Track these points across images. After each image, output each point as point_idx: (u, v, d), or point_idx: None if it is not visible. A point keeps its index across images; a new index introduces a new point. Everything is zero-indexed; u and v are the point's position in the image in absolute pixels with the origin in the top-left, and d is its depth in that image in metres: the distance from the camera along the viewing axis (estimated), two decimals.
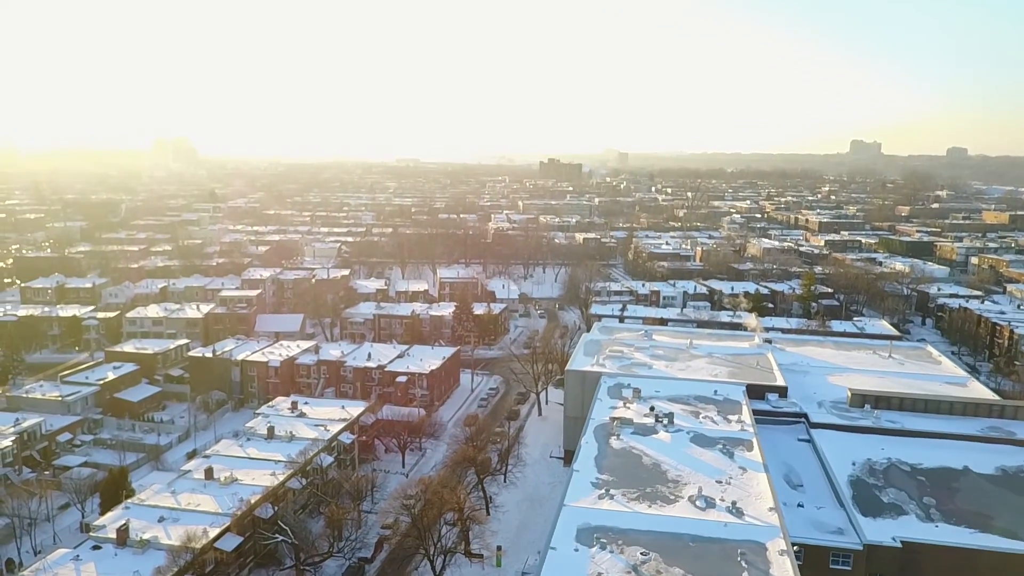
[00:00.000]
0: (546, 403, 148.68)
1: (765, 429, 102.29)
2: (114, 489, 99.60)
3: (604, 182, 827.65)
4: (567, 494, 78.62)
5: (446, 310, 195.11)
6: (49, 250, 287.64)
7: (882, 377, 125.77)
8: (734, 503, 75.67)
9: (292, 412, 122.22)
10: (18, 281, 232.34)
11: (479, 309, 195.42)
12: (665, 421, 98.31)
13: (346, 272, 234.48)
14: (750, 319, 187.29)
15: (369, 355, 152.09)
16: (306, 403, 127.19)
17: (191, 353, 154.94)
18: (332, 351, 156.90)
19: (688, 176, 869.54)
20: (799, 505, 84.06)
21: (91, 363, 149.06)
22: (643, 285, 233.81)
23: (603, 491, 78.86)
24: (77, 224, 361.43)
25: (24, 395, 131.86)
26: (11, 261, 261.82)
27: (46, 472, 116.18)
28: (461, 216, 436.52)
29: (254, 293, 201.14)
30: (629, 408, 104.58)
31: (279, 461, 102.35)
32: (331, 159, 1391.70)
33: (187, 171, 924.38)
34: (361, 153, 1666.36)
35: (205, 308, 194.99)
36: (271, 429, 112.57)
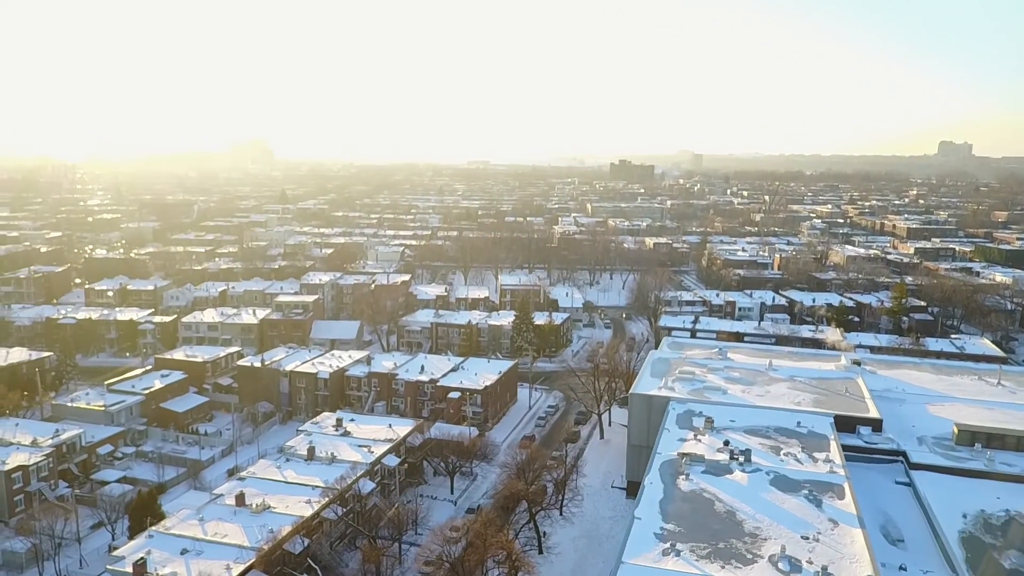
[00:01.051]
0: (608, 424, 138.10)
1: (856, 468, 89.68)
2: (143, 511, 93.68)
3: (677, 184, 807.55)
4: (626, 548, 68.33)
5: (505, 319, 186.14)
6: (120, 251, 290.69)
7: (992, 409, 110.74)
8: (824, 568, 64.07)
9: (336, 430, 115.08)
10: (86, 282, 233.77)
11: (540, 318, 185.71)
12: (741, 458, 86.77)
13: (406, 277, 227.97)
14: (835, 335, 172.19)
15: (422, 368, 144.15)
16: (352, 420, 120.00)
17: (240, 362, 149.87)
18: (385, 362, 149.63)
19: (765, 178, 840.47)
20: (901, 568, 71.64)
21: (139, 371, 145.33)
22: (717, 295, 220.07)
23: (668, 545, 68.28)
24: (150, 225, 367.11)
25: (69, 404, 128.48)
26: (82, 262, 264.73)
27: (83, 487, 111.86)
28: (527, 219, 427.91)
29: (311, 299, 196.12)
30: (700, 441, 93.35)
31: (316, 487, 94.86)
32: (404, 162, 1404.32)
33: (262, 173, 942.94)
34: (434, 155, 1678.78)
35: (261, 313, 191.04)
36: (311, 450, 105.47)
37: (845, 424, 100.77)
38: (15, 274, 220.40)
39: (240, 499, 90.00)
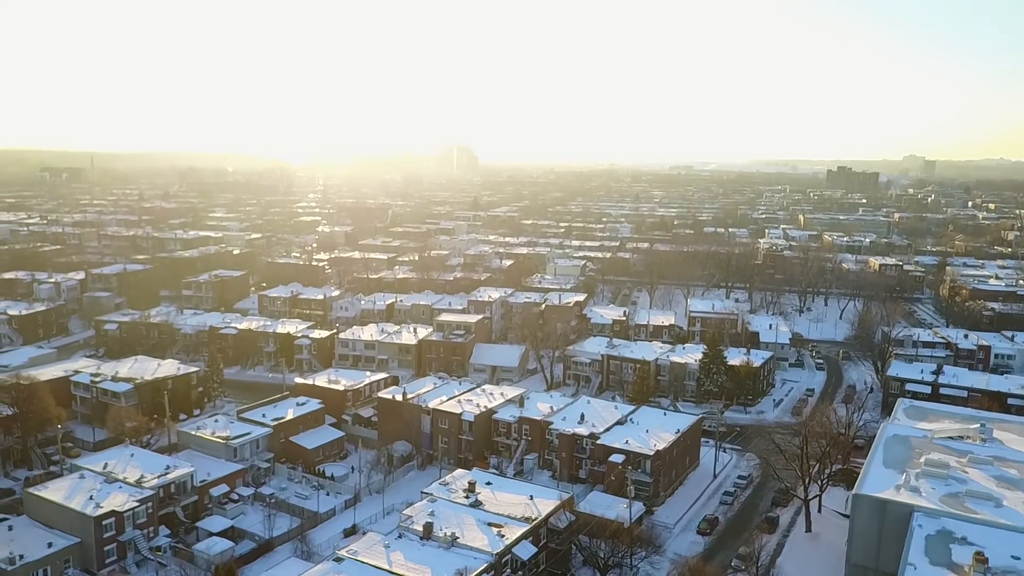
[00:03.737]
0: (818, 510, 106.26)
1: None
2: None
3: (906, 194, 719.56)
4: None
5: (692, 354, 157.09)
6: (304, 256, 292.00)
7: None
8: None
9: (467, 497, 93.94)
10: (265, 286, 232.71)
11: (735, 356, 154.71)
12: None
13: (581, 297, 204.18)
14: None
15: (582, 417, 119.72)
16: (488, 484, 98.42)
17: (381, 394, 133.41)
18: (541, 404, 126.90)
19: (1015, 189, 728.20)
20: None
21: (276, 396, 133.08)
22: (965, 336, 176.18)
23: None
24: (343, 229, 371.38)
25: (194, 431, 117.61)
26: (264, 267, 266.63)
27: (188, 534, 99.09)
28: (729, 230, 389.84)
29: (473, 319, 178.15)
30: None
31: None
32: (604, 167, 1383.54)
33: (463, 178, 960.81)
34: (636, 158, 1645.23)
35: (423, 332, 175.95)
36: (429, 526, 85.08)
37: None
38: (196, 278, 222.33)
39: None
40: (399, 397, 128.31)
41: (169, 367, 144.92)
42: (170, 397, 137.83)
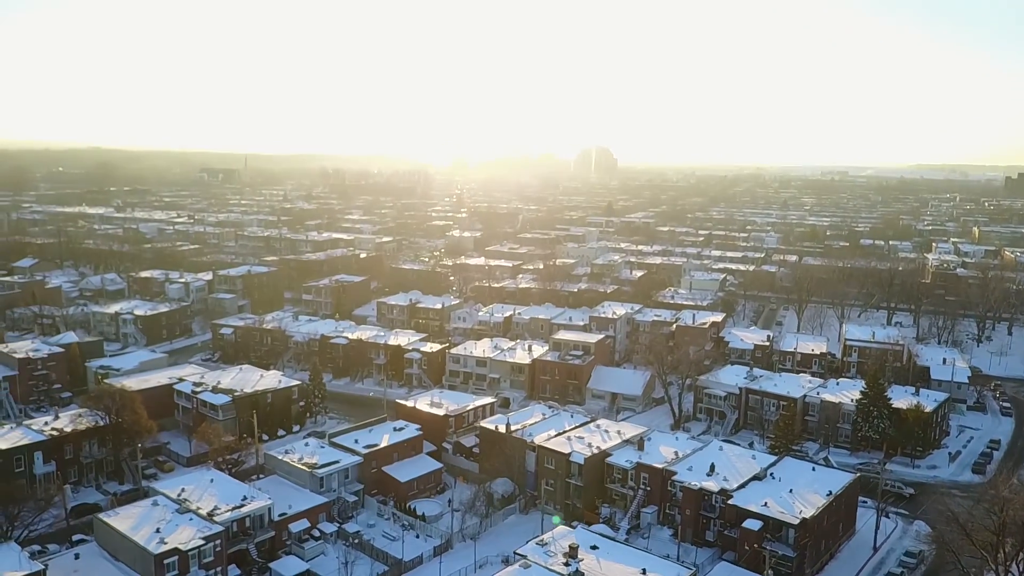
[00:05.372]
0: None
1: None
2: None
3: None
4: None
5: (847, 392, 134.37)
6: (430, 261, 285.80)
7: None
8: None
9: (566, 566, 79.09)
10: (387, 292, 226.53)
11: (900, 397, 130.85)
12: None
13: (718, 317, 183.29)
14: None
15: (712, 467, 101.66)
16: (594, 548, 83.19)
17: (484, 423, 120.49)
18: (663, 447, 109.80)
19: None
20: None
21: (372, 420, 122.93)
22: None
23: None
24: (472, 234, 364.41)
25: (281, 456, 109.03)
26: (386, 272, 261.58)
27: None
28: (889, 243, 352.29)
29: (593, 339, 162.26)
30: None
31: None
32: (751, 169, 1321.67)
33: (600, 182, 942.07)
34: (784, 161, 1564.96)
35: (538, 350, 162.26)
36: None
37: None
38: (316, 283, 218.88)
39: None
40: (502, 428, 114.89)
41: (271, 379, 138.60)
42: (269, 411, 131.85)
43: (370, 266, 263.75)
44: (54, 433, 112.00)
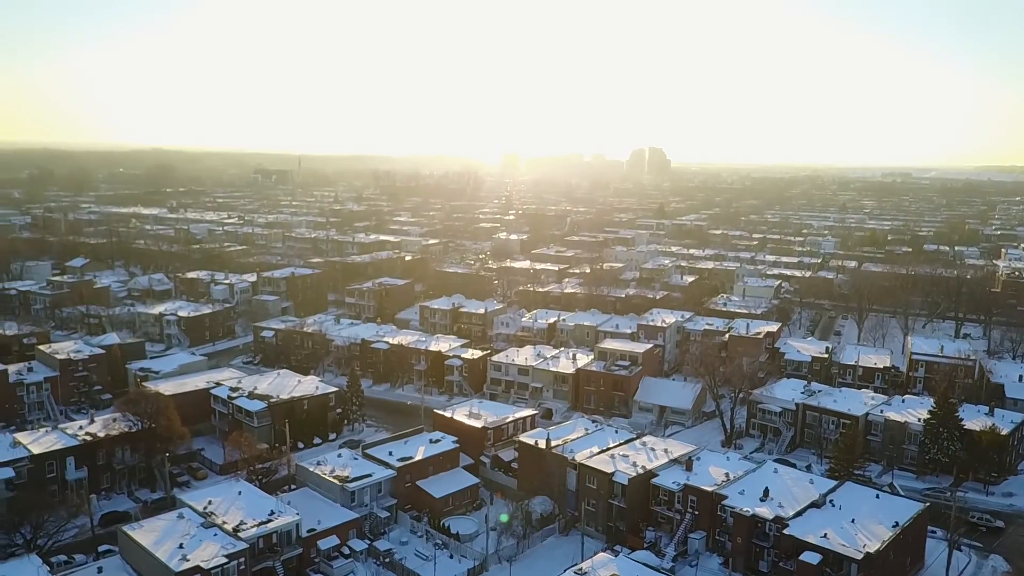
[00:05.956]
0: None
1: None
2: None
3: None
4: None
5: (913, 410, 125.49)
6: (476, 265, 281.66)
7: None
8: None
9: None
10: (431, 296, 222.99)
11: (973, 417, 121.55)
12: None
13: (773, 327, 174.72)
14: None
15: (766, 492, 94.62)
16: None
17: (522, 437, 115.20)
18: (713, 468, 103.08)
19: None
20: None
21: (408, 431, 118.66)
22: None
23: None
24: (519, 236, 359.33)
25: (312, 468, 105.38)
26: (431, 275, 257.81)
27: None
28: (955, 249, 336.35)
29: (641, 349, 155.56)
30: None
31: None
32: (808, 170, 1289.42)
33: (652, 183, 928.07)
34: (843, 162, 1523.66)
35: (583, 359, 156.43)
36: None
37: None
38: (360, 285, 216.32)
39: None
40: (542, 443, 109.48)
41: (308, 385, 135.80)
42: (305, 419, 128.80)
43: (415, 269, 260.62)
44: (87, 438, 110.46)
